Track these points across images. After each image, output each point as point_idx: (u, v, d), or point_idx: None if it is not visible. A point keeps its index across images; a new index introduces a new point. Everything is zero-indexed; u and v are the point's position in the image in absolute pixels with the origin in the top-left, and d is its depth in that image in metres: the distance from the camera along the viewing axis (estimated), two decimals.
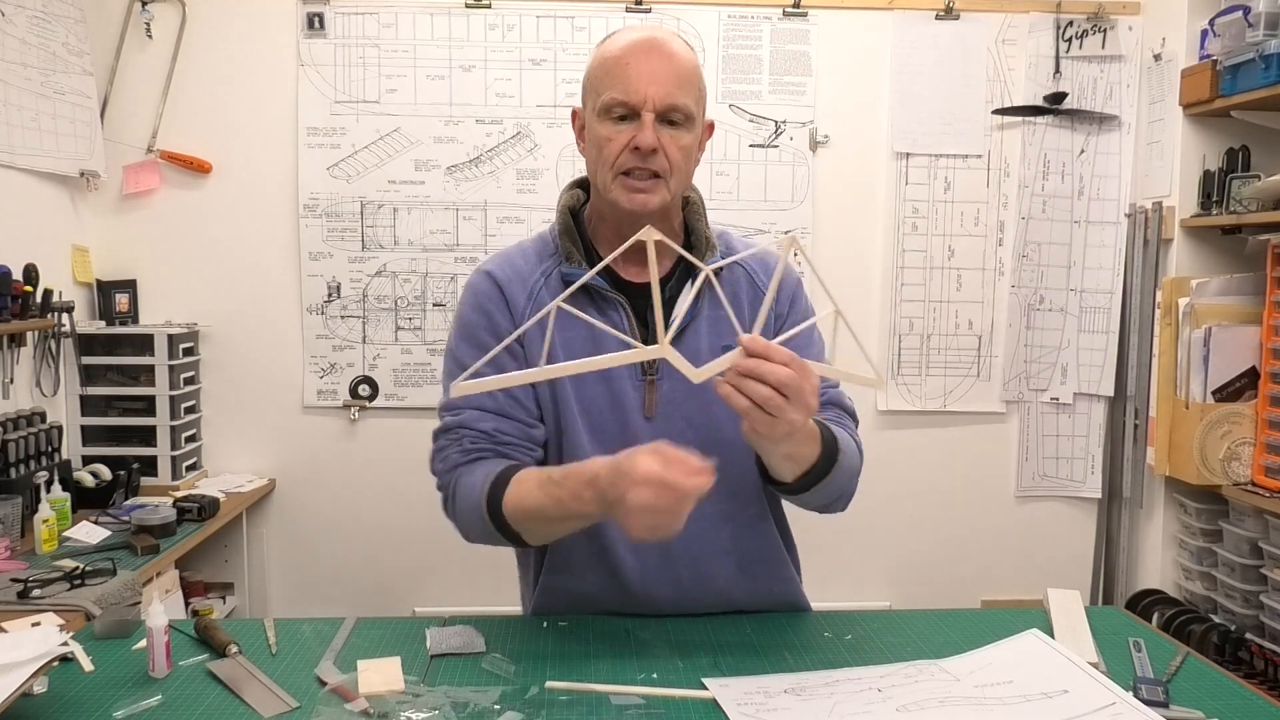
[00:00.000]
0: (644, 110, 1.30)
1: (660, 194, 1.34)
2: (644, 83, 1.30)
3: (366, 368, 2.99)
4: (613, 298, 1.37)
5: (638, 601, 1.40)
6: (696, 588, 1.41)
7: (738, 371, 1.12)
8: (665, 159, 1.32)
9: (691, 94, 1.34)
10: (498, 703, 1.14)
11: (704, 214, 1.46)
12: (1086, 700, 1.12)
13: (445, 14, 2.90)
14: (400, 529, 3.01)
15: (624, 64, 1.32)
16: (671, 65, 1.32)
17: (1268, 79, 2.46)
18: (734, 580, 1.43)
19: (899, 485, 3.12)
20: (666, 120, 1.32)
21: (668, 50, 1.33)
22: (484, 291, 1.41)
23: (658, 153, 1.31)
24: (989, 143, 3.05)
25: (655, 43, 1.33)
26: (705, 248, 1.42)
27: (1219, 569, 2.72)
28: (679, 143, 1.33)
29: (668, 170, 1.33)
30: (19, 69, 2.48)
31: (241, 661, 1.24)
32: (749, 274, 1.45)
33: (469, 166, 2.94)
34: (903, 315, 3.09)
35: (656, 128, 1.31)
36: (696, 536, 1.35)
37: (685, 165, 1.36)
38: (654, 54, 1.32)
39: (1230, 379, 2.70)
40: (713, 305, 1.39)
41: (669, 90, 1.30)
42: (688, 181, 1.40)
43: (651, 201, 1.33)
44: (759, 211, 3.00)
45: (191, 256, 2.94)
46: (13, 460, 2.33)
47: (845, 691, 1.16)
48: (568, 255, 1.40)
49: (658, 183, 1.33)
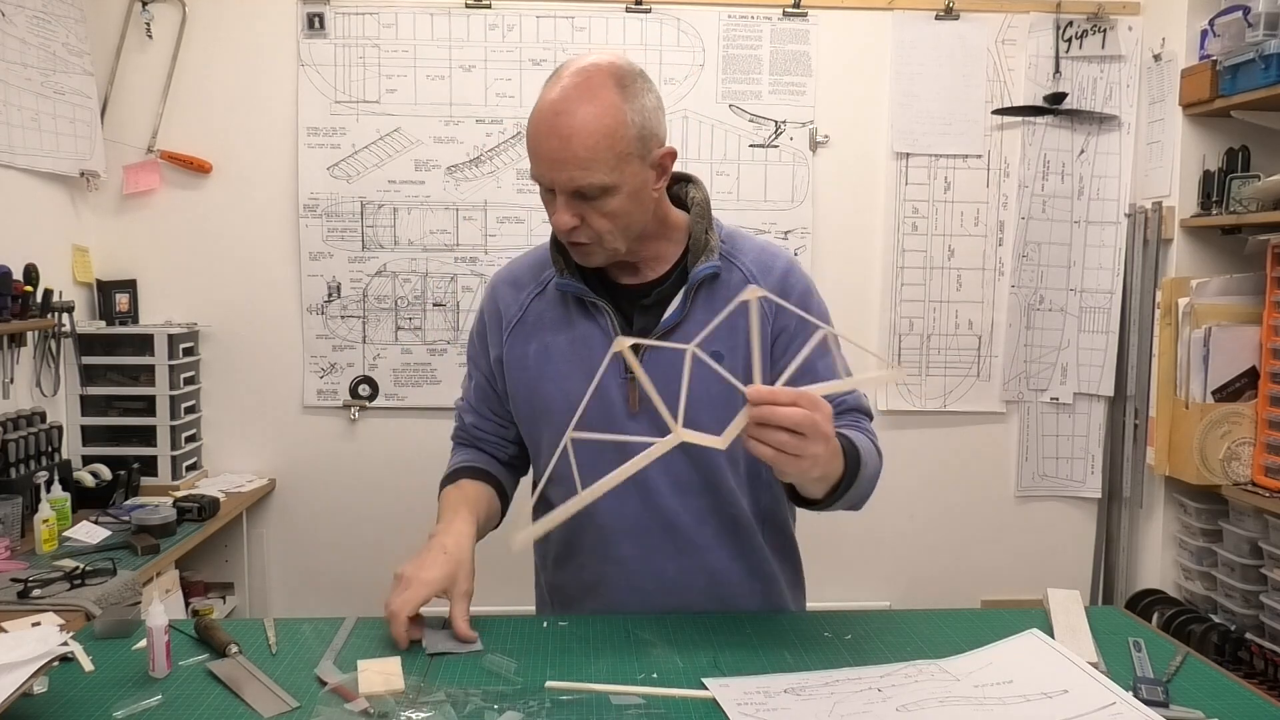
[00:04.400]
0: (556, 192, 1.31)
1: (599, 254, 1.36)
2: (548, 167, 1.30)
3: (366, 368, 2.99)
4: (599, 304, 1.42)
5: (640, 579, 1.46)
6: (685, 576, 1.46)
7: (754, 422, 1.13)
8: (591, 227, 1.32)
9: (602, 164, 1.28)
10: (498, 703, 1.14)
11: (707, 214, 1.45)
12: (1086, 700, 1.12)
13: (445, 14, 2.91)
14: (400, 529, 3.00)
15: (533, 142, 1.31)
16: (569, 146, 1.27)
17: (1268, 79, 2.46)
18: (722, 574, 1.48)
19: (899, 485, 3.12)
20: (583, 196, 1.30)
21: (566, 128, 1.27)
22: (485, 305, 1.55)
23: (578, 229, 1.33)
24: (989, 143, 3.05)
25: (557, 119, 1.28)
26: (701, 250, 1.41)
27: (1219, 569, 2.72)
28: (602, 210, 1.31)
29: (596, 237, 1.34)
30: (19, 69, 2.48)
31: (241, 661, 1.24)
32: (747, 279, 1.43)
33: (469, 166, 2.94)
34: (903, 315, 3.09)
35: (572, 203, 1.31)
36: (679, 522, 1.44)
37: (619, 221, 1.33)
38: (554, 135, 1.28)
39: (1230, 379, 2.70)
40: (707, 310, 1.38)
41: (570, 175, 1.28)
42: (638, 224, 1.37)
43: (594, 262, 1.38)
44: (759, 211, 3.00)
45: (191, 256, 2.94)
46: (13, 460, 2.33)
47: (845, 691, 1.16)
48: (556, 266, 1.45)
49: (592, 245, 1.35)
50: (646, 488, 1.42)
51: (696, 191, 1.47)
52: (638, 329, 1.41)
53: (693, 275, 1.39)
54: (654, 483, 1.41)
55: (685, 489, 1.43)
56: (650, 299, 1.41)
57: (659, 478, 1.41)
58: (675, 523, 1.44)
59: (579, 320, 1.43)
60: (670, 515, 1.44)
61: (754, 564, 1.50)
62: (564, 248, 1.43)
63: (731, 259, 1.43)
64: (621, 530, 1.45)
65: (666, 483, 1.42)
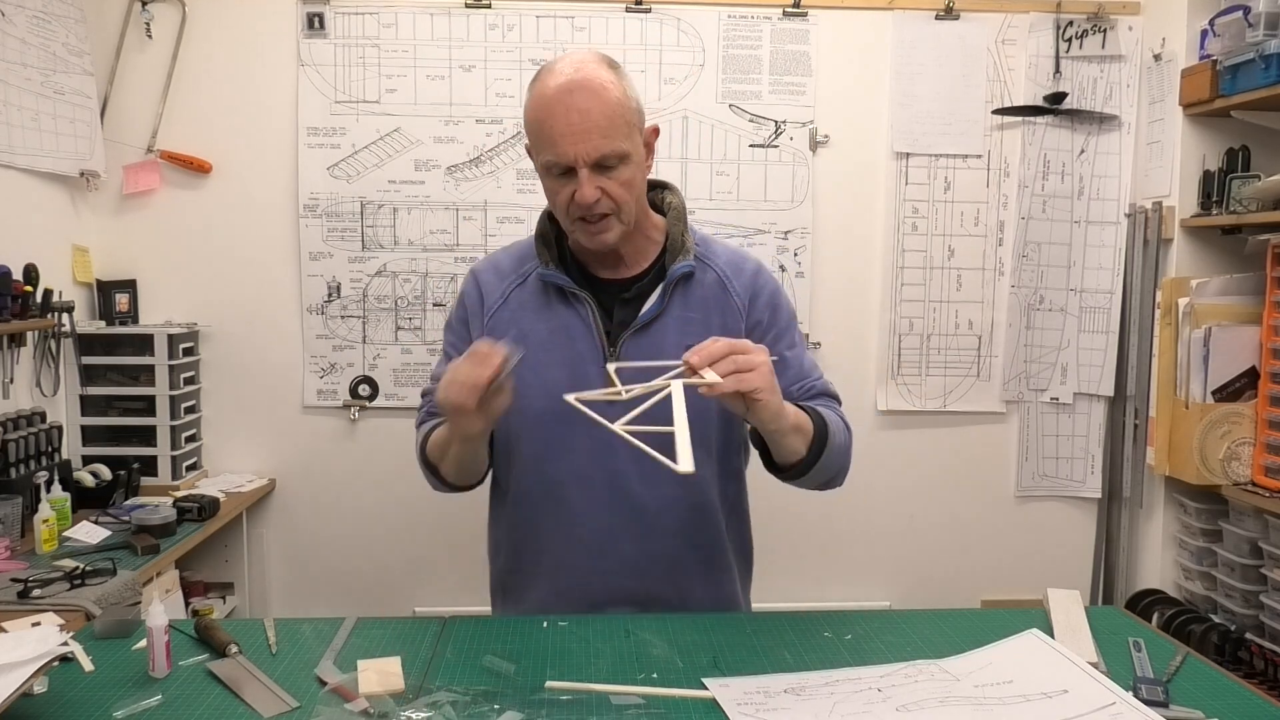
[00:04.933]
0: (578, 167, 1.38)
1: (616, 228, 1.44)
2: (570, 143, 1.37)
3: (366, 368, 2.99)
4: (580, 295, 1.49)
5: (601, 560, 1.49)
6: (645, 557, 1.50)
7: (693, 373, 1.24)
8: (610, 199, 1.40)
9: (619, 132, 1.38)
10: (498, 703, 1.14)
11: (684, 217, 1.54)
12: (1086, 700, 1.12)
13: (445, 14, 2.90)
14: (400, 529, 3.01)
15: (549, 125, 1.38)
16: (590, 118, 1.36)
17: (1268, 79, 2.46)
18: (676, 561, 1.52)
19: (899, 485, 3.12)
20: (602, 166, 1.39)
21: (584, 102, 1.36)
22: (467, 289, 1.59)
23: (601, 200, 1.40)
24: (989, 143, 3.05)
25: (572, 94, 1.37)
26: (678, 250, 1.50)
27: (1219, 569, 2.72)
28: (620, 179, 1.40)
29: (615, 208, 1.42)
30: (19, 69, 2.48)
31: (241, 661, 1.24)
32: (721, 279, 1.53)
33: (469, 166, 2.94)
34: (903, 315, 3.09)
35: (594, 177, 1.39)
36: (646, 507, 1.49)
37: (632, 193, 1.43)
38: (572, 111, 1.36)
39: (1230, 379, 2.70)
40: (684, 307, 1.49)
41: (595, 144, 1.37)
42: (641, 200, 1.48)
43: (610, 238, 1.44)
44: (759, 211, 3.00)
45: (191, 256, 2.94)
46: (13, 460, 2.33)
47: (845, 691, 1.16)
48: (541, 258, 1.52)
49: (610, 220, 1.43)
50: (615, 473, 1.47)
51: (673, 197, 1.57)
52: (617, 321, 1.49)
53: (671, 272, 1.48)
54: (623, 469, 1.47)
55: (653, 479, 1.48)
56: (630, 293, 1.50)
57: (628, 465, 1.46)
58: (641, 507, 1.49)
59: (559, 310, 1.50)
60: (637, 500, 1.49)
61: (713, 554, 1.56)
62: (549, 242, 1.52)
63: (706, 260, 1.53)
64: (587, 512, 1.49)
65: (636, 471, 1.47)
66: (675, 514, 1.50)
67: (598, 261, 1.52)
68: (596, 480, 1.48)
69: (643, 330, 1.47)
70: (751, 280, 1.53)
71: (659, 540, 1.50)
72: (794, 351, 1.51)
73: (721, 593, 1.57)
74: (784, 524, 3.00)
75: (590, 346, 1.48)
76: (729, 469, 1.57)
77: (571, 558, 1.51)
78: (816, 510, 3.05)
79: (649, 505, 1.49)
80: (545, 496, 1.51)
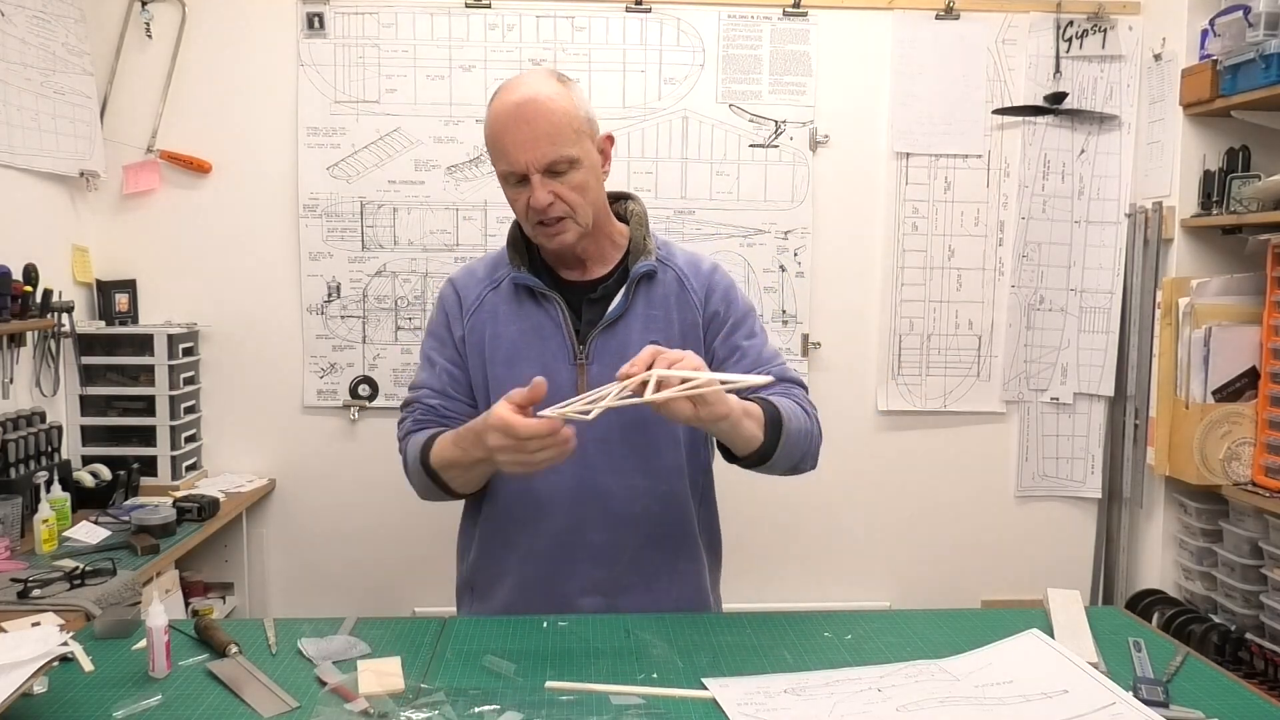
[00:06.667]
0: (530, 174, 1.47)
1: (572, 229, 1.52)
2: (520, 152, 1.46)
3: (366, 368, 2.99)
4: (551, 296, 1.57)
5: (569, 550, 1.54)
6: (610, 550, 1.55)
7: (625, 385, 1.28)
8: (565, 202, 1.49)
9: (567, 140, 1.47)
10: (498, 703, 1.14)
11: (645, 223, 1.65)
12: (1086, 700, 1.12)
13: (445, 14, 2.90)
14: (400, 529, 3.01)
15: (500, 138, 1.48)
16: (536, 127, 1.45)
17: (1268, 79, 2.46)
18: (643, 551, 1.56)
19: (899, 485, 3.12)
20: (554, 172, 1.47)
21: (531, 113, 1.46)
22: (445, 295, 1.68)
23: (554, 203, 1.48)
24: (989, 143, 3.05)
25: (520, 109, 1.46)
26: (640, 252, 1.59)
27: (1219, 569, 2.72)
28: (571, 184, 1.49)
29: (570, 211, 1.50)
30: (19, 69, 2.48)
31: (241, 661, 1.25)
32: (679, 278, 1.61)
33: (469, 166, 2.94)
34: (903, 315, 3.09)
35: (546, 182, 1.48)
36: (613, 504, 1.54)
37: (586, 195, 1.51)
38: (521, 123, 1.46)
39: (1230, 379, 2.70)
40: (647, 305, 1.57)
41: (543, 151, 1.46)
42: (598, 201, 1.56)
43: (568, 239, 1.53)
44: (759, 211, 3.00)
45: (191, 256, 2.94)
46: (13, 460, 2.33)
47: (845, 691, 1.16)
48: (513, 263, 1.61)
49: (566, 222, 1.51)
50: (585, 464, 1.50)
51: (636, 205, 1.67)
52: (586, 320, 1.58)
53: (634, 271, 1.57)
54: (592, 459, 1.50)
55: (621, 468, 1.53)
56: (597, 293, 1.59)
57: (597, 456, 1.51)
58: (609, 497, 1.54)
59: (531, 311, 1.58)
60: (604, 490, 1.53)
61: (682, 546, 1.60)
62: (520, 248, 1.62)
63: (666, 261, 1.62)
64: (554, 501, 1.54)
65: (604, 461, 1.52)
66: (643, 503, 1.55)
67: (565, 265, 1.61)
68: (564, 470, 1.49)
69: (610, 328, 1.55)
70: (708, 278, 1.63)
71: (627, 530, 1.55)
72: (752, 341, 1.59)
73: (689, 584, 1.61)
74: (784, 524, 3.01)
75: (561, 344, 1.56)
76: (698, 461, 1.63)
77: (540, 545, 1.55)
78: (817, 510, 3.05)
79: (616, 494, 1.54)
80: (515, 489, 1.56)
